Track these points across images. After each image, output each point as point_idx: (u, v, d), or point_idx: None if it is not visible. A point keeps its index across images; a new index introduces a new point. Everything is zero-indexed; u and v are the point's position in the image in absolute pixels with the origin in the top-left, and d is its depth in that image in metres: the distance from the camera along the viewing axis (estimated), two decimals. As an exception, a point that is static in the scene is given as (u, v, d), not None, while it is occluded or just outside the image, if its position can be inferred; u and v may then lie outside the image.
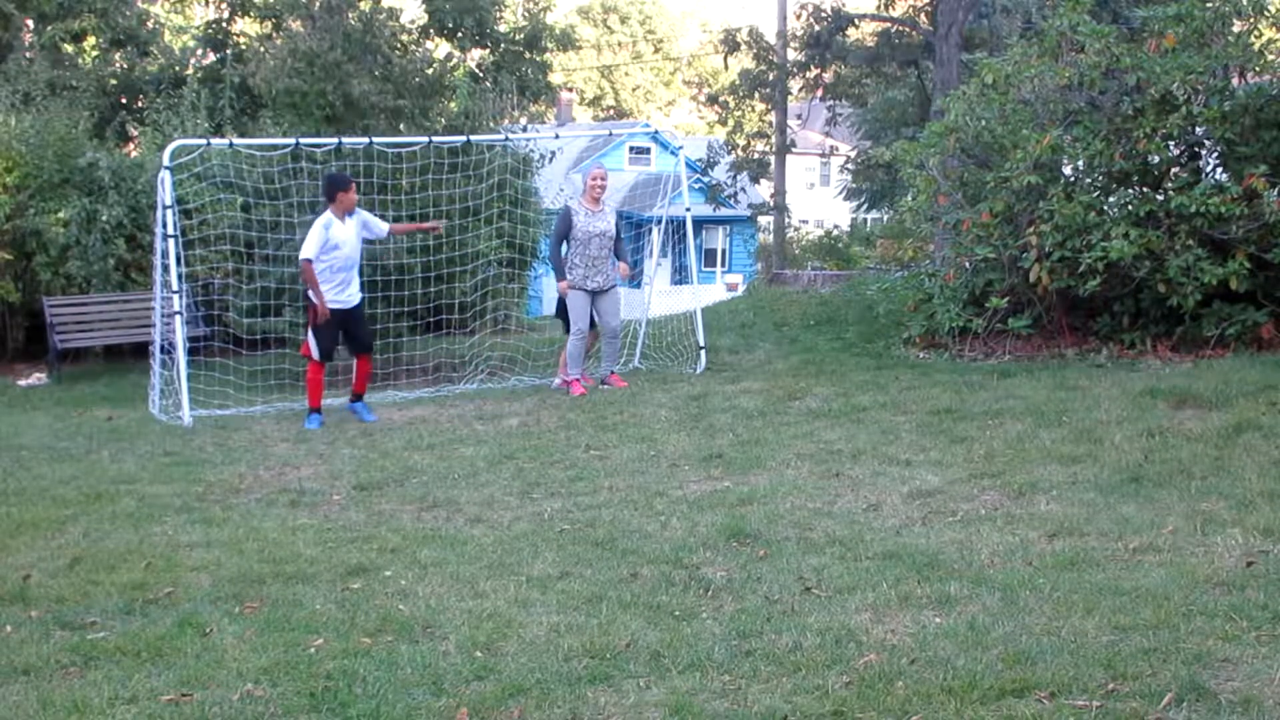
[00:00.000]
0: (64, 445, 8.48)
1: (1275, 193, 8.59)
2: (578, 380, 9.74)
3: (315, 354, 9.13)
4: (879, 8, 22.33)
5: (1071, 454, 6.08)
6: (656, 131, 38.88)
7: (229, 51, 19.90)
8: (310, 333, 9.11)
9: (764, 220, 32.50)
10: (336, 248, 8.95)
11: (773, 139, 25.35)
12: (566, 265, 9.74)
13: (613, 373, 9.93)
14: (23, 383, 12.80)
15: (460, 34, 18.65)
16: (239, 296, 11.92)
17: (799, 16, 22.43)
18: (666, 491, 6.10)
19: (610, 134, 32.06)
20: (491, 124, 14.53)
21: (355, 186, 9.24)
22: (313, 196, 11.59)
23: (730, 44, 23.63)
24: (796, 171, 39.45)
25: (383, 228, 9.50)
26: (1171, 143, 9.20)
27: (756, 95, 24.50)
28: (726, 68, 27.65)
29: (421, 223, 9.66)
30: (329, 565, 5.02)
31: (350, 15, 13.96)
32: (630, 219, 35.40)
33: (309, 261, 8.87)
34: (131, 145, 18.70)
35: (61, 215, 13.43)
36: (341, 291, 9.06)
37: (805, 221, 39.14)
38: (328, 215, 9.00)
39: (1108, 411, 6.88)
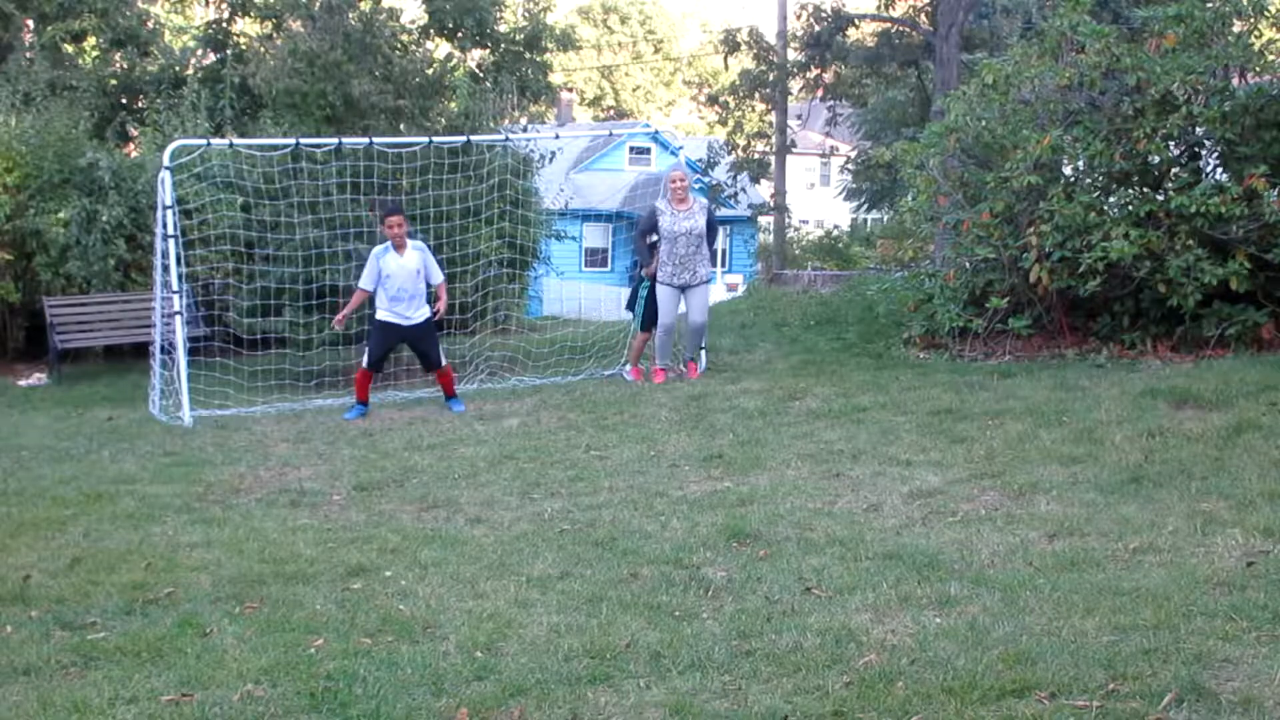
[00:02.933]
0: (64, 445, 8.48)
1: (1275, 193, 8.58)
2: (662, 370, 9.97)
3: (365, 360, 9.51)
4: (879, 8, 22.34)
5: (1071, 454, 6.07)
6: (657, 132, 38.88)
7: (229, 51, 19.90)
8: (370, 340, 9.57)
9: (764, 220, 32.53)
10: (389, 277, 9.33)
11: (773, 139, 25.36)
12: (656, 261, 9.91)
13: (690, 360, 10.09)
14: (23, 383, 12.80)
15: (460, 34, 18.65)
16: (239, 296, 11.92)
17: (799, 16, 22.45)
18: (666, 492, 6.10)
19: (610, 134, 32.08)
20: (491, 124, 14.54)
21: (397, 221, 9.37)
22: (313, 197, 11.60)
23: (730, 44, 23.65)
24: (796, 171, 39.46)
25: (436, 277, 9.62)
26: (1171, 143, 9.20)
27: (756, 95, 24.51)
28: (726, 68, 27.66)
29: (441, 302, 9.79)
30: (329, 565, 5.01)
31: (350, 15, 13.97)
32: (630, 219, 35.43)
33: (362, 290, 9.43)
34: (131, 145, 18.69)
35: (61, 215, 13.43)
36: (401, 311, 9.41)
37: (805, 221, 39.14)
38: (382, 245, 9.44)
39: (1108, 411, 6.88)
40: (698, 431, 7.64)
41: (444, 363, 9.72)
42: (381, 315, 9.42)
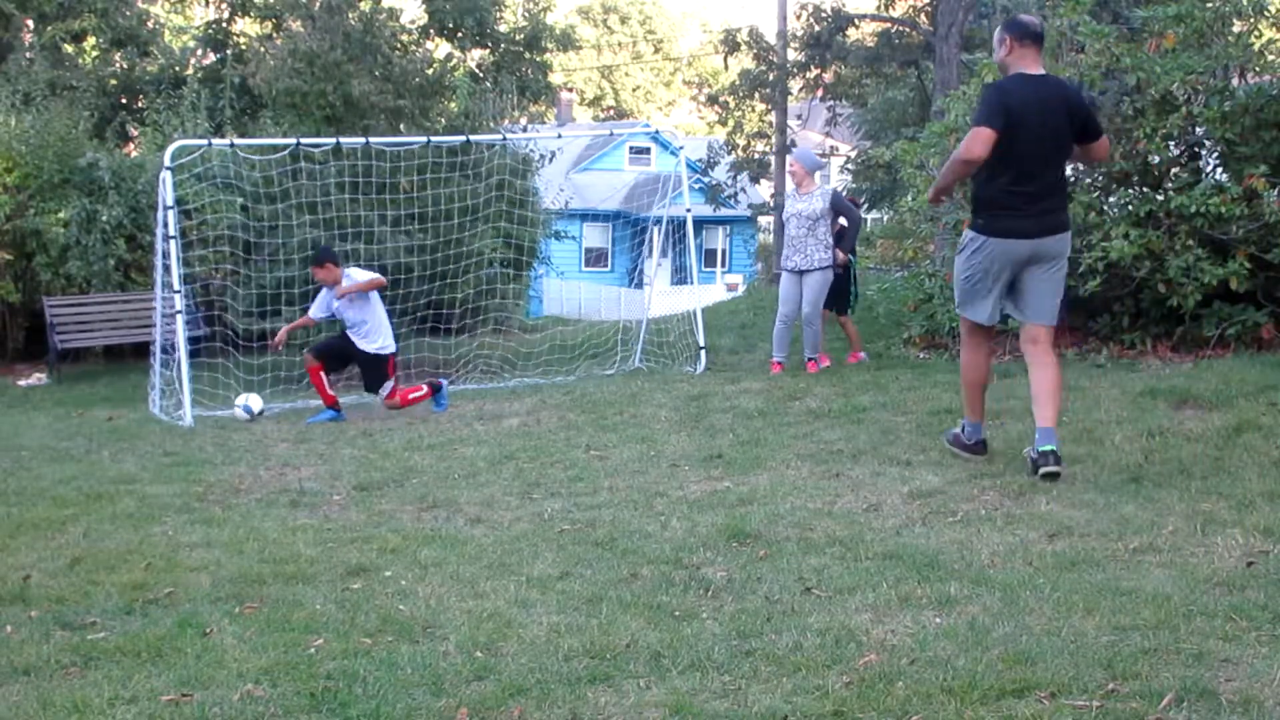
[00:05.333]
0: (64, 445, 8.48)
1: (1275, 193, 8.58)
2: (778, 362, 9.76)
3: (312, 353, 9.55)
4: (879, 8, 22.37)
5: (1071, 454, 6.07)
6: (657, 131, 38.91)
7: (229, 51, 19.92)
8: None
9: (764, 220, 32.53)
10: (336, 305, 9.47)
11: (773, 139, 25.37)
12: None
13: (810, 359, 9.72)
14: (23, 383, 12.80)
15: (460, 34, 18.68)
16: (238, 297, 11.93)
17: (799, 16, 22.47)
18: (666, 492, 6.10)
19: (610, 134, 32.10)
20: (491, 124, 14.56)
21: (326, 266, 9.43)
22: (311, 197, 11.60)
23: (730, 44, 23.66)
24: (796, 171, 39.32)
25: (364, 275, 9.58)
26: (1171, 143, 9.19)
27: (756, 95, 24.53)
28: (726, 68, 27.67)
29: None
30: (329, 565, 5.01)
31: (350, 15, 13.98)
32: (630, 219, 35.40)
33: (308, 318, 9.73)
34: (131, 145, 18.72)
35: (61, 215, 13.44)
36: (352, 337, 9.52)
37: (805, 221, 38.93)
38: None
39: (1108, 411, 6.88)
40: (698, 431, 7.64)
41: (390, 400, 9.54)
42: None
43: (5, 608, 4.56)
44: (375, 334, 9.46)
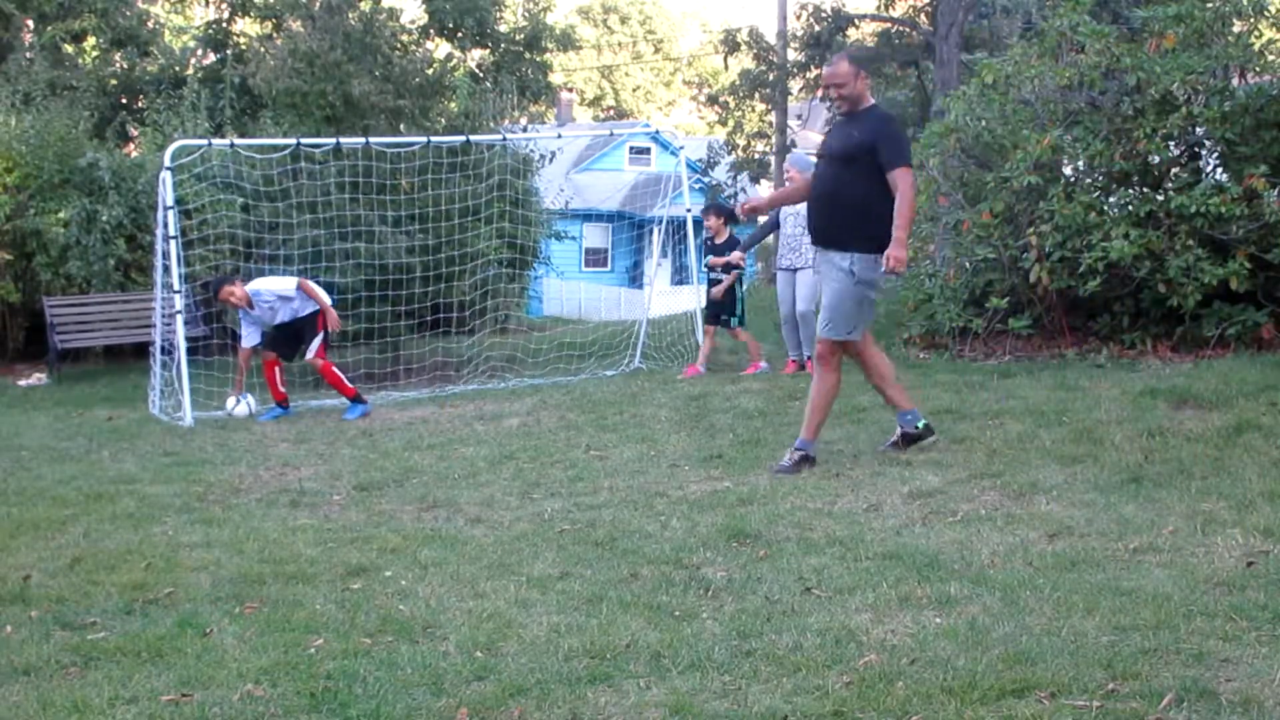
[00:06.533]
0: (64, 445, 8.48)
1: (1275, 193, 8.58)
2: (794, 360, 9.89)
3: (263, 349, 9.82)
4: (879, 8, 22.37)
5: (1071, 454, 6.07)
6: (657, 131, 38.88)
7: (229, 51, 19.93)
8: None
9: (764, 220, 32.53)
10: (259, 317, 9.57)
11: (773, 139, 25.38)
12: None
13: (809, 357, 9.61)
14: (23, 383, 12.80)
15: (460, 34, 18.70)
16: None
17: (799, 17, 22.49)
18: (666, 492, 6.10)
19: (610, 134, 32.08)
20: (491, 124, 14.55)
21: (220, 295, 9.58)
22: (312, 197, 11.60)
23: (730, 44, 23.68)
24: (796, 171, 39.29)
25: (288, 286, 9.62)
26: (1171, 143, 9.19)
27: (756, 95, 24.54)
28: (726, 68, 27.69)
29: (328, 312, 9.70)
30: (329, 565, 5.02)
31: (350, 15, 13.96)
32: (630, 219, 35.37)
33: (245, 349, 9.72)
34: (131, 145, 18.72)
35: (61, 215, 13.44)
36: (298, 317, 9.63)
37: (805, 221, 38.91)
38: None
39: (1108, 411, 6.88)
40: (698, 431, 7.63)
41: (314, 359, 9.64)
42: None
43: (5, 608, 4.57)
44: (306, 306, 9.58)
